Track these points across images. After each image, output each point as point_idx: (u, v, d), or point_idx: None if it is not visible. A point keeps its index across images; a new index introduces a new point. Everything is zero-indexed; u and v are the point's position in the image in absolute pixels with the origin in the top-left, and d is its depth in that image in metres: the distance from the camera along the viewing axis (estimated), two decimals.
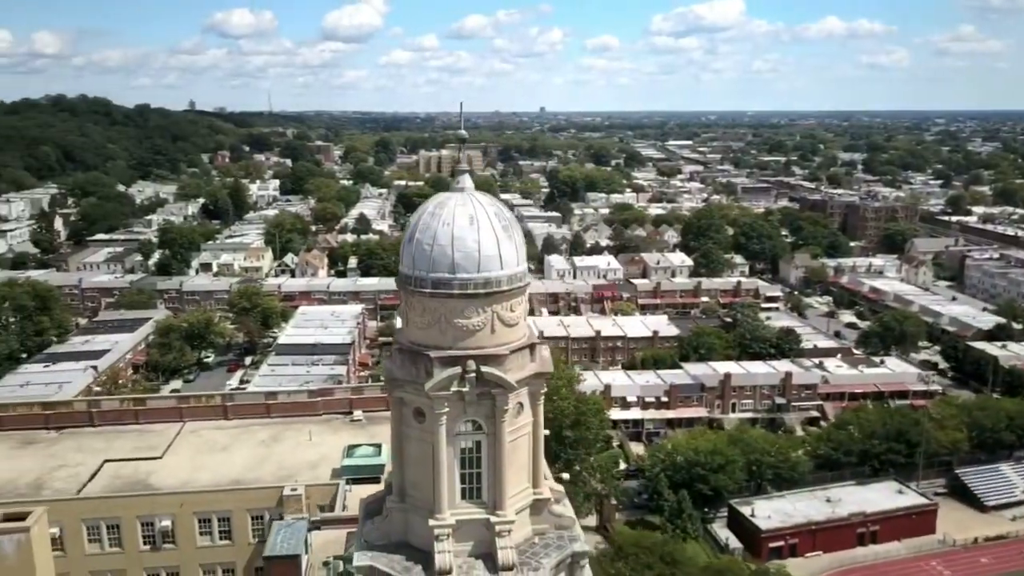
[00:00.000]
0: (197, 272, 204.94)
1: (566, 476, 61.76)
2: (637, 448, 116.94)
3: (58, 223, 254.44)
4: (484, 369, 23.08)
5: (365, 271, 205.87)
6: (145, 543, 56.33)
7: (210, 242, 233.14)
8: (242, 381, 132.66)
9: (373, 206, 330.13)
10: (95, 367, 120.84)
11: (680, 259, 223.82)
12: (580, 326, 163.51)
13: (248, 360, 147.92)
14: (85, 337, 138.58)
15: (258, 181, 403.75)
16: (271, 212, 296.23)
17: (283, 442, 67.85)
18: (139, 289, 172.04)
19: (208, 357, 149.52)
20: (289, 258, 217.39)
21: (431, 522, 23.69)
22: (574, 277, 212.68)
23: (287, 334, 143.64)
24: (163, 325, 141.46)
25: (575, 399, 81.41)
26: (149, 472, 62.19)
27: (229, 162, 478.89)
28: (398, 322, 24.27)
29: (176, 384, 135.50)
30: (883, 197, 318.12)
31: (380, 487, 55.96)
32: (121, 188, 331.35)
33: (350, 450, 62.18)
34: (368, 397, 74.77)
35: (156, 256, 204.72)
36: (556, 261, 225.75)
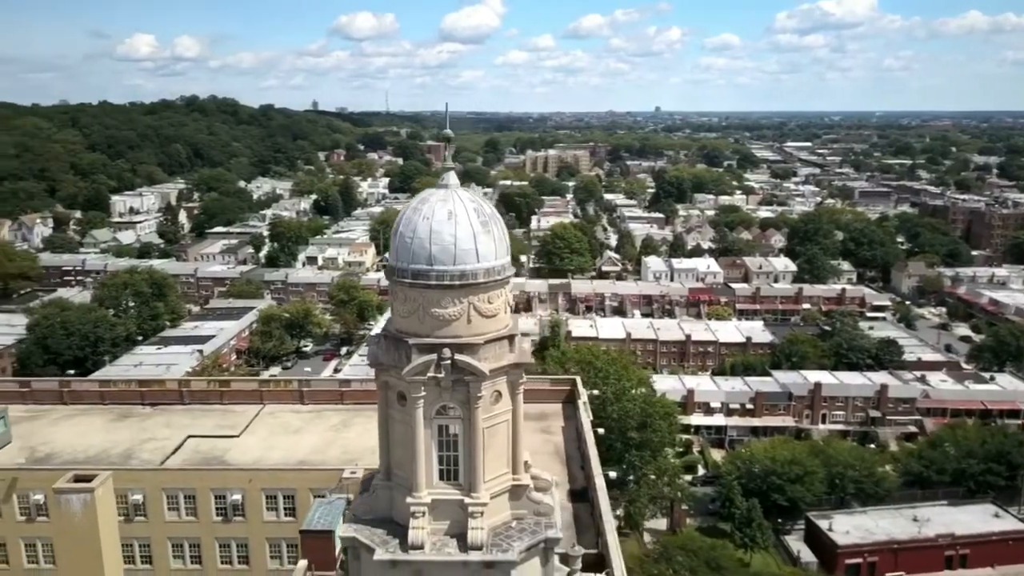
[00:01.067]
0: (303, 265, 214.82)
1: (613, 474, 62.02)
2: (719, 455, 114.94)
3: (182, 216, 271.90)
4: (458, 357, 24.21)
5: None
6: (217, 514, 60.03)
7: (318, 237, 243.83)
8: (335, 370, 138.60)
9: None
10: (200, 351, 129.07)
11: (784, 264, 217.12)
12: (671, 329, 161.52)
13: (344, 350, 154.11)
14: (195, 323, 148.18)
15: (369, 179, 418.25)
16: (377, 209, 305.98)
17: (352, 428, 70.61)
18: (248, 280, 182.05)
19: (307, 346, 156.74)
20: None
21: (408, 499, 25.04)
22: (671, 279, 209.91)
23: (380, 327, 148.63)
24: (265, 314, 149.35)
25: (643, 401, 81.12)
26: (226, 449, 66.23)
27: (344, 160, 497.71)
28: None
29: (275, 370, 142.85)
30: (1013, 203, 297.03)
31: None
32: (242, 184, 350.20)
33: None
34: None
35: (266, 249, 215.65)
36: (654, 263, 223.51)
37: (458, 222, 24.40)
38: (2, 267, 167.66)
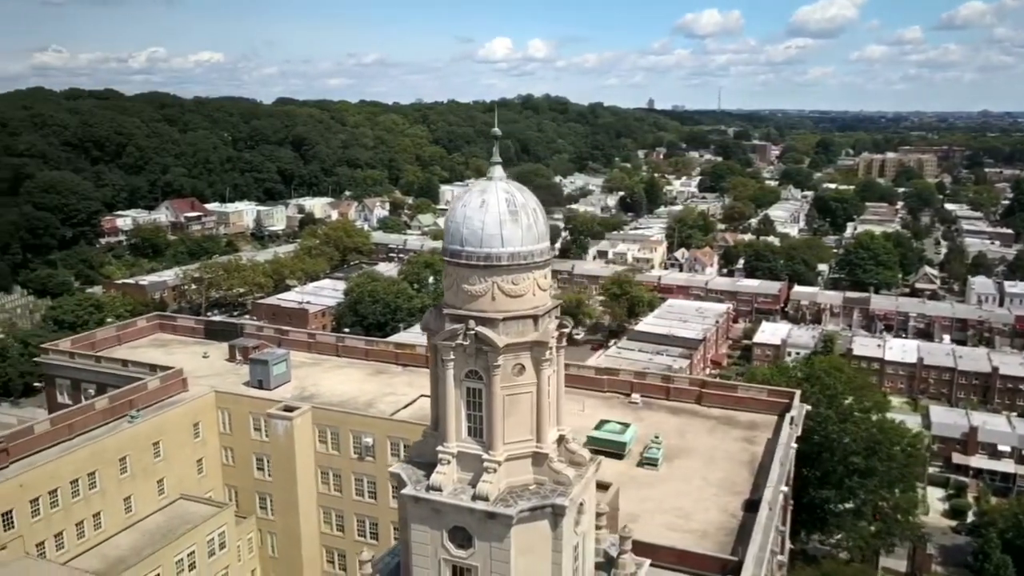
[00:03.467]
0: (594, 258, 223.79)
1: (785, 489, 59.26)
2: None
3: None
4: (479, 329, 27.47)
5: (750, 272, 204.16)
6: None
7: (614, 232, 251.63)
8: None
9: (789, 208, 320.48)
10: None
11: None
12: (976, 359, 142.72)
13: (612, 342, 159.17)
14: None
15: (683, 178, 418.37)
16: (679, 208, 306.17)
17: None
18: None
19: (579, 334, 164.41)
20: (680, 253, 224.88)
21: (438, 448, 28.95)
22: (999, 304, 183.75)
23: (646, 322, 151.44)
24: None
25: (872, 426, 74.82)
26: None
27: (662, 158, 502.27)
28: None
29: None
30: None
31: (621, 462, 60.88)
32: (557, 179, 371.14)
33: (600, 424, 66.96)
34: (649, 384, 78.12)
35: (559, 241, 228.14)
36: (980, 284, 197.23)
37: (488, 210, 27.68)
38: (342, 242, 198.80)
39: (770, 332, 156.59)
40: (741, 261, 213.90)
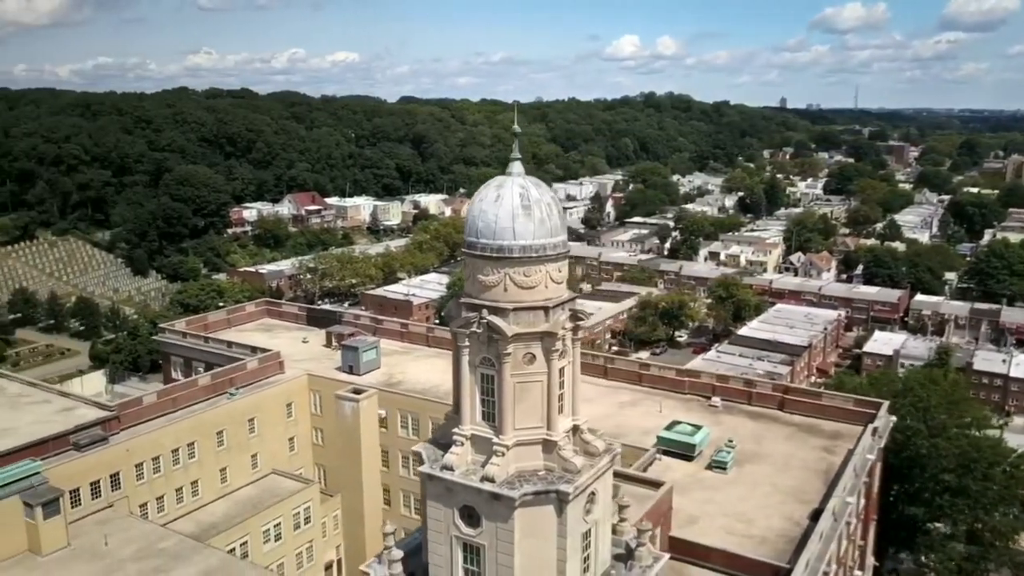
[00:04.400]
0: (705, 259, 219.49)
1: (851, 500, 57.18)
2: None
3: (609, 205, 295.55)
4: (490, 318, 28.65)
5: (869, 278, 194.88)
6: None
7: (729, 233, 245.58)
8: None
9: (921, 213, 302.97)
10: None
11: None
12: None
13: (715, 346, 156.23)
14: (580, 300, 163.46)
15: (808, 179, 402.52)
16: (800, 210, 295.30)
17: (636, 407, 75.15)
18: (642, 268, 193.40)
19: (681, 336, 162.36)
20: (796, 256, 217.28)
21: (454, 430, 30.39)
22: None
23: (750, 327, 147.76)
24: (643, 300, 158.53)
25: (967, 442, 70.63)
26: None
27: (788, 159, 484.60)
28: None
29: (643, 354, 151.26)
30: None
31: (690, 464, 60.88)
32: (674, 178, 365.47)
33: (671, 425, 66.73)
34: (731, 387, 77.00)
35: (668, 241, 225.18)
36: None
37: (502, 204, 28.87)
38: (452, 238, 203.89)
39: (882, 342, 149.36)
40: (860, 267, 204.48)
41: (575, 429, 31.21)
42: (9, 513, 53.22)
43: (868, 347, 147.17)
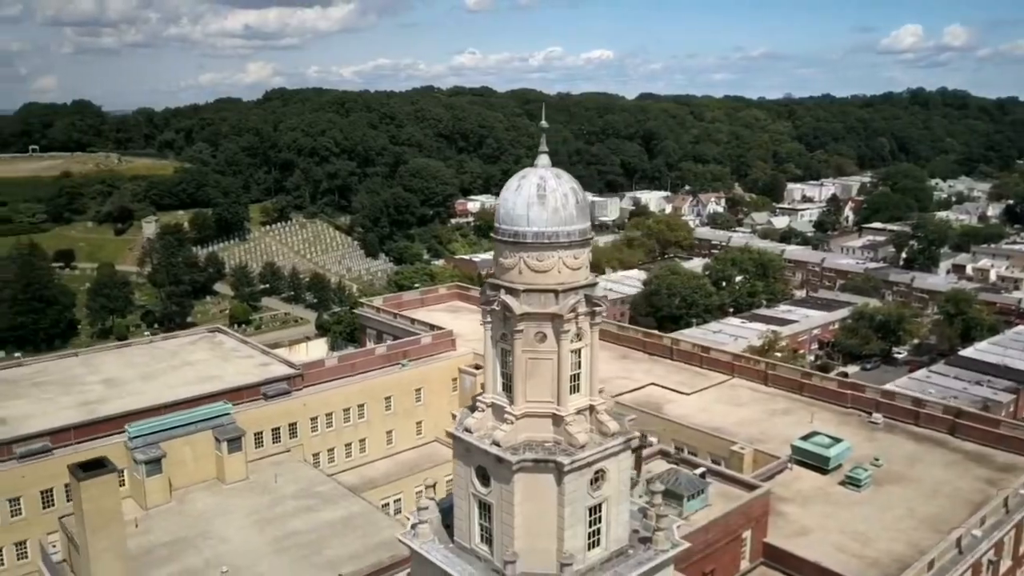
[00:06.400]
0: (947, 272, 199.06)
1: (975, 531, 52.00)
2: None
3: (848, 208, 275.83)
4: (503, 297, 31.24)
5: None
6: None
7: (984, 245, 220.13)
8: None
9: None
10: (775, 331, 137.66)
11: None
12: None
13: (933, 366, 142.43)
14: (789, 307, 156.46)
15: None
16: None
17: (788, 416, 72.98)
18: (868, 277, 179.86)
19: (900, 352, 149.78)
20: None
21: (479, 397, 33.48)
22: None
23: (977, 348, 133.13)
24: (857, 311, 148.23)
25: None
26: (668, 400, 76.25)
27: None
28: None
29: (852, 368, 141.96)
30: None
31: (823, 477, 59.65)
32: (932, 182, 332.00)
33: (809, 435, 64.45)
34: (897, 405, 72.61)
35: (905, 251, 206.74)
36: None
37: (520, 193, 31.42)
38: (663, 235, 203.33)
39: None
40: None
41: (591, 409, 32.99)
42: (203, 444, 64.20)
43: None
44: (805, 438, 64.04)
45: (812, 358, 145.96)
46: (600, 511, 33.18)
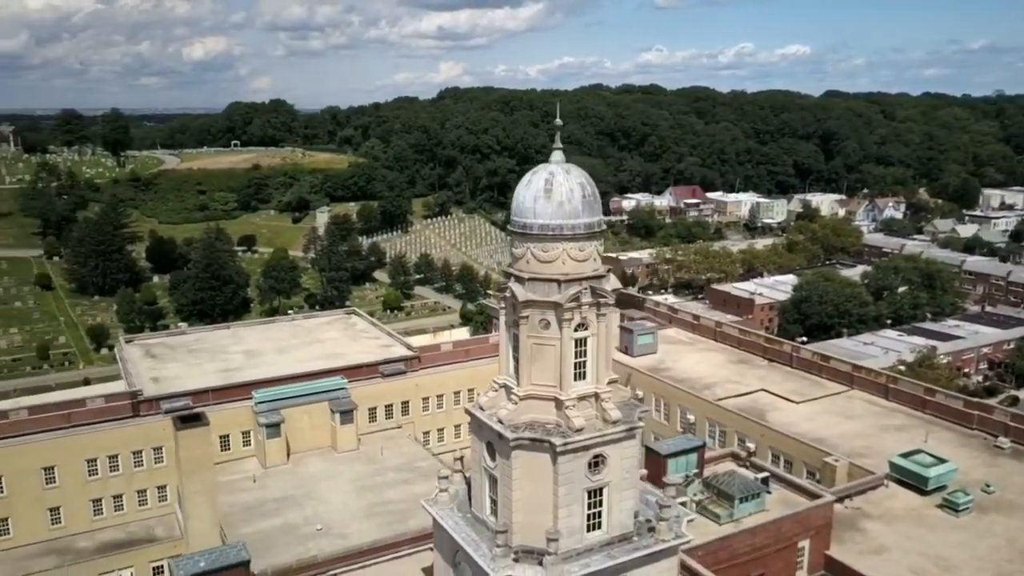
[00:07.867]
0: None
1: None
2: None
3: None
4: (511, 284, 33.14)
5: None
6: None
7: None
8: None
9: None
10: (934, 347, 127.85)
11: None
12: None
13: None
14: (957, 321, 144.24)
15: None
16: None
17: (901, 432, 68.87)
18: None
19: None
20: None
21: (494, 378, 35.73)
22: None
23: None
24: None
25: None
26: (775, 408, 73.94)
27: None
28: None
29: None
30: None
31: (919, 497, 57.31)
32: None
33: (911, 452, 61.07)
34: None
35: None
36: None
37: (529, 186, 33.38)
38: (828, 240, 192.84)
39: None
40: None
41: (596, 396, 34.31)
42: (321, 415, 70.79)
43: None
44: (906, 455, 60.62)
45: (980, 378, 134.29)
46: (601, 495, 34.47)
